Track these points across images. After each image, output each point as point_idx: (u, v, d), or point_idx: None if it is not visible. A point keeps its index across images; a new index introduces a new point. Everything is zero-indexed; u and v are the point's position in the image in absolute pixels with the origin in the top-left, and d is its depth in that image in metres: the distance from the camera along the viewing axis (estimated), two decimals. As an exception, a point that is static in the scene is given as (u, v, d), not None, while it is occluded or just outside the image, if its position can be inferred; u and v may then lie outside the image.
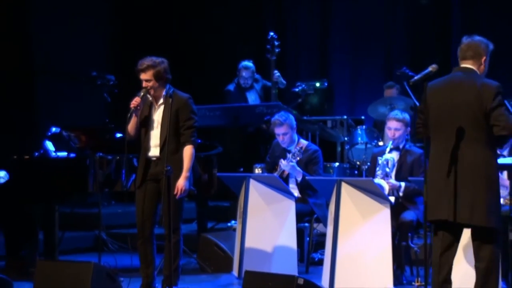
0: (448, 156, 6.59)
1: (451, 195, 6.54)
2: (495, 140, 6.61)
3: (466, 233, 6.79)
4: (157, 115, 7.79)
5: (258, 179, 9.04)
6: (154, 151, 7.77)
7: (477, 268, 6.63)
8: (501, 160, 8.12)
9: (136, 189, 7.92)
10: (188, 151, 7.72)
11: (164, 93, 7.75)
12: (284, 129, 9.29)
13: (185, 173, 7.65)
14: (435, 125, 6.76)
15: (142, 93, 7.71)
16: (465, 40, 6.85)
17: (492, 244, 6.57)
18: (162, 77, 7.73)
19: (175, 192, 7.60)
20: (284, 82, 11.72)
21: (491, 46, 6.82)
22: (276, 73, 11.43)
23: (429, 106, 6.79)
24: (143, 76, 7.72)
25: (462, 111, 6.58)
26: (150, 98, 7.80)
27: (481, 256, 6.59)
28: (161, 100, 7.77)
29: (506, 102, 6.73)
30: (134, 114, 7.73)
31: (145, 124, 7.81)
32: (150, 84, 7.71)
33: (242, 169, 10.83)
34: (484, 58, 6.77)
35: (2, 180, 8.76)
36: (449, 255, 6.71)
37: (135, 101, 7.68)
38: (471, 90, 6.59)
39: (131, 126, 7.79)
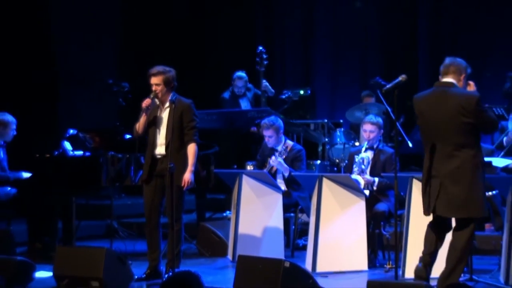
0: (440, 159, 6.62)
1: (441, 193, 6.59)
2: (479, 142, 6.68)
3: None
4: (163, 117, 7.80)
5: (250, 174, 9.06)
6: (160, 149, 7.77)
7: (450, 252, 6.66)
8: (496, 161, 8.18)
9: (143, 183, 7.93)
10: (192, 149, 7.74)
11: (170, 98, 7.76)
12: (271, 131, 9.30)
13: (190, 167, 7.68)
14: (425, 133, 6.79)
15: (152, 95, 7.73)
16: (448, 59, 6.88)
17: (469, 233, 6.61)
18: (169, 83, 7.75)
19: (182, 184, 7.63)
20: (273, 90, 11.74)
21: (469, 70, 6.86)
22: (264, 82, 11.46)
23: (418, 115, 6.82)
24: (153, 80, 7.73)
25: (448, 120, 6.60)
26: (157, 102, 7.82)
27: (456, 243, 6.64)
28: (167, 104, 7.76)
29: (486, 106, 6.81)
30: (144, 113, 7.74)
31: (152, 124, 7.82)
32: (159, 88, 7.72)
33: (235, 166, 10.83)
34: (463, 75, 6.79)
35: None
36: (438, 240, 6.75)
37: (146, 101, 7.70)
38: (455, 101, 6.60)
39: (140, 124, 7.80)
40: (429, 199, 6.67)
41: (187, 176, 7.66)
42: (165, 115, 7.78)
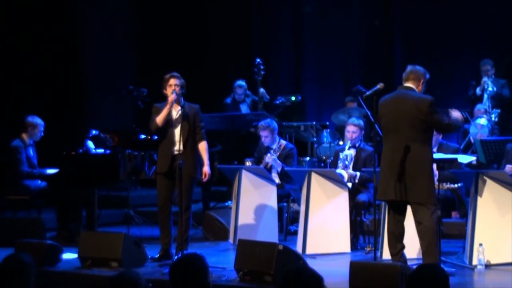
0: (396, 152, 6.63)
1: (398, 181, 6.58)
2: (430, 138, 6.69)
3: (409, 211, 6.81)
4: (178, 118, 7.75)
5: (248, 169, 9.05)
6: (178, 146, 7.67)
7: (419, 233, 6.65)
8: (461, 158, 8.18)
9: (156, 176, 7.90)
10: (204, 146, 7.80)
11: (181, 102, 7.75)
12: (267, 132, 9.30)
13: (206, 161, 7.75)
14: (385, 129, 6.83)
15: (176, 93, 7.69)
16: (410, 66, 6.94)
17: (432, 214, 6.60)
18: (183, 88, 7.76)
19: (203, 177, 7.71)
20: (268, 97, 11.75)
21: (428, 76, 6.89)
22: (261, 90, 11.48)
23: (381, 115, 6.85)
24: (175, 81, 7.71)
25: (404, 118, 6.63)
26: (174, 104, 7.77)
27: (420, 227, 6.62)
28: (179, 107, 7.76)
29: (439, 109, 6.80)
30: (169, 106, 7.67)
31: (167, 124, 7.78)
32: (178, 88, 7.71)
33: (236, 162, 10.81)
34: (422, 81, 6.83)
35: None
36: (399, 226, 6.73)
37: (173, 96, 7.66)
38: (411, 102, 6.64)
39: (163, 117, 7.71)
40: (386, 186, 6.66)
41: (206, 169, 7.72)
42: (179, 116, 7.75)
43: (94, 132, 9.51)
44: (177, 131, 7.71)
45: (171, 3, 13.96)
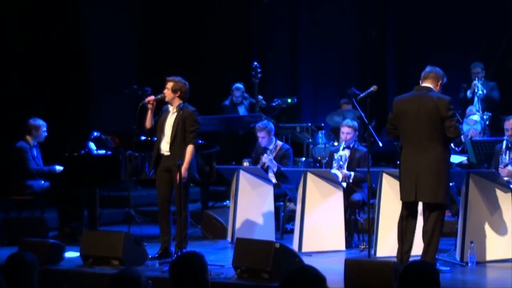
0: (417, 152, 6.60)
1: (419, 182, 6.58)
2: (448, 139, 6.67)
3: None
4: (171, 121, 7.75)
5: (246, 170, 9.03)
6: (166, 147, 7.72)
7: (424, 233, 6.68)
8: (452, 158, 8.19)
9: (155, 175, 7.89)
10: (189, 149, 7.64)
11: (178, 105, 7.73)
12: (263, 133, 9.29)
13: (185, 165, 7.54)
14: (405, 129, 6.73)
15: (159, 96, 7.71)
16: (429, 67, 6.87)
17: (440, 216, 6.64)
18: (176, 91, 7.69)
19: (177, 178, 7.52)
20: (264, 103, 11.79)
21: (445, 79, 6.86)
22: (259, 97, 11.51)
23: (399, 114, 6.77)
24: (166, 84, 7.72)
25: (425, 118, 6.57)
26: (170, 108, 7.77)
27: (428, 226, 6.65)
28: (175, 110, 7.74)
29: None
30: (145, 106, 7.70)
31: (161, 126, 7.78)
32: (167, 92, 7.70)
33: (234, 163, 10.80)
34: (440, 82, 6.79)
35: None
36: (413, 225, 6.73)
37: (150, 97, 7.71)
38: (431, 102, 6.59)
39: (148, 119, 7.76)
40: (406, 187, 6.65)
41: (183, 171, 7.49)
42: (172, 119, 7.74)
43: (95, 133, 9.52)
44: (168, 133, 7.71)
45: (171, 6, 13.96)
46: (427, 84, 6.76)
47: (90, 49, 12.92)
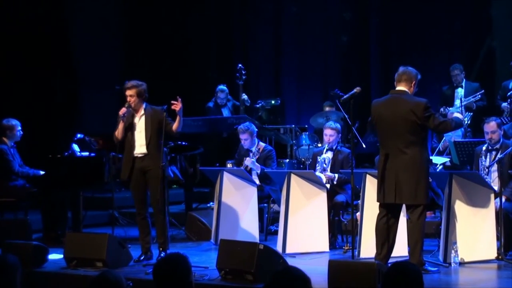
0: (394, 156, 6.63)
1: (396, 184, 6.61)
2: (426, 141, 6.75)
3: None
4: (140, 123, 7.72)
5: (230, 171, 9.02)
6: (141, 149, 7.68)
7: (408, 234, 6.74)
8: (435, 159, 8.19)
9: (126, 179, 7.85)
10: (177, 119, 7.67)
11: (143, 106, 7.70)
12: (246, 135, 9.29)
13: (179, 118, 7.63)
14: (382, 134, 6.78)
15: (127, 105, 7.68)
16: (402, 68, 6.88)
17: (422, 216, 6.67)
18: (142, 95, 7.70)
19: (178, 108, 7.57)
20: (249, 101, 11.77)
21: (419, 76, 6.87)
22: (243, 96, 11.50)
23: (376, 117, 6.81)
24: (128, 92, 7.69)
25: (401, 123, 6.61)
26: (132, 111, 7.75)
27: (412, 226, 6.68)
28: (142, 112, 7.72)
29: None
30: (121, 120, 7.67)
31: (129, 129, 7.73)
32: (133, 99, 7.68)
33: (218, 164, 10.78)
34: (414, 82, 6.81)
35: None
36: (392, 228, 6.76)
37: (122, 110, 7.67)
38: (407, 107, 6.62)
39: (120, 130, 7.73)
40: (386, 189, 6.67)
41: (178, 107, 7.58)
42: (141, 121, 7.72)
43: (79, 135, 9.48)
44: (141, 135, 7.68)
45: (155, 7, 13.94)
46: (401, 87, 6.80)
47: (76, 48, 12.88)
